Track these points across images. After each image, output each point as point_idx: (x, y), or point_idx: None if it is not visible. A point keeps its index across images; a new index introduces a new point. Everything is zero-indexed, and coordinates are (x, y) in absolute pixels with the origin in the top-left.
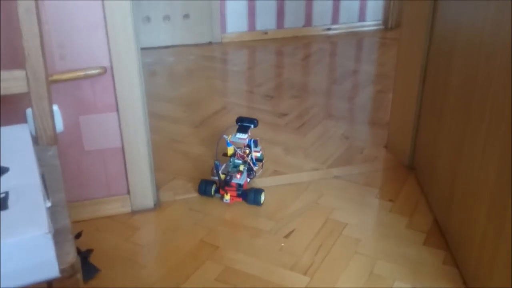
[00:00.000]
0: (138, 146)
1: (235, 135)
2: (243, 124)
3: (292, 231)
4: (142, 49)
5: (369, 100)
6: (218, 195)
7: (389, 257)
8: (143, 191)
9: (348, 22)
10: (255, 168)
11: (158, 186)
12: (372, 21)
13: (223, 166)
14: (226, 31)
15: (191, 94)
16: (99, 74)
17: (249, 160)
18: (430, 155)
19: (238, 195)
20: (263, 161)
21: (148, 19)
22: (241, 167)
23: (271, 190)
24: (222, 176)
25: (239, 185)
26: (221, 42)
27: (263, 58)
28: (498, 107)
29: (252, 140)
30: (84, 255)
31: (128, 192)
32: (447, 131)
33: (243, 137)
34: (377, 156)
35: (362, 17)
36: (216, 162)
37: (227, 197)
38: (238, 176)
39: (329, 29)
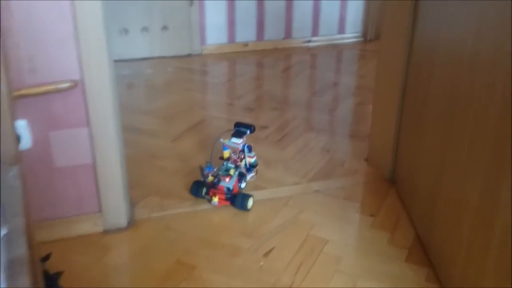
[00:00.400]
0: (110, 162)
1: (230, 139)
2: (239, 129)
3: (272, 249)
4: (120, 61)
5: (350, 112)
6: (208, 197)
7: (370, 275)
8: (116, 209)
9: (327, 34)
10: (250, 175)
11: (132, 204)
12: (351, 33)
13: (215, 169)
14: (206, 42)
15: (169, 107)
16: (69, 88)
17: (242, 166)
18: (411, 168)
19: (227, 199)
20: (257, 167)
21: (125, 30)
22: (232, 171)
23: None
24: (210, 178)
25: (228, 189)
26: (201, 54)
27: (243, 70)
28: (481, 118)
29: (246, 145)
30: (53, 278)
31: (100, 210)
32: (428, 144)
33: (237, 141)
34: (358, 170)
35: (341, 29)
36: (208, 163)
37: (215, 200)
38: (227, 179)
39: (309, 41)
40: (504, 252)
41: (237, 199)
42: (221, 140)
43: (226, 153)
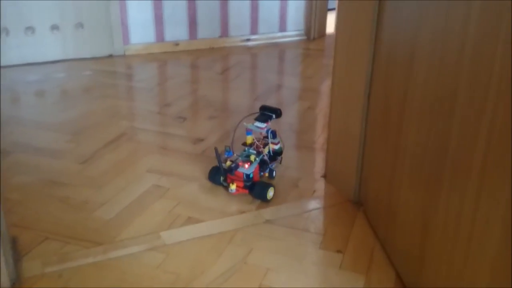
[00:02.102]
0: None
1: (254, 123)
2: (264, 113)
3: None
4: (26, 65)
5: (298, 119)
6: (226, 184)
7: None
8: None
9: (268, 32)
10: (275, 163)
11: (19, 254)
12: (293, 31)
13: (235, 155)
14: (130, 42)
15: (82, 118)
16: None
17: (265, 152)
18: (385, 188)
19: (245, 187)
20: (282, 155)
21: (31, 29)
22: (253, 157)
23: (184, 247)
24: (228, 164)
25: (247, 176)
26: (124, 55)
27: (174, 72)
28: (470, 125)
29: (270, 131)
30: None
31: None
32: (409, 157)
33: (261, 126)
34: (316, 190)
35: (282, 27)
36: (227, 148)
37: (233, 187)
38: (247, 166)
39: (248, 39)
40: None
41: (256, 188)
42: (244, 123)
43: (249, 139)
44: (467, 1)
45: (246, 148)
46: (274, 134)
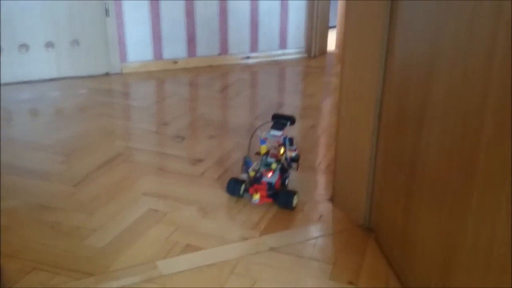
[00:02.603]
0: None
1: (269, 132)
2: (278, 121)
3: None
4: (19, 83)
5: (302, 139)
6: (247, 195)
7: None
8: None
9: (268, 50)
10: (290, 169)
11: (5, 286)
12: (294, 49)
13: (254, 164)
14: (127, 59)
15: (75, 139)
16: None
17: (283, 160)
18: (400, 213)
19: (269, 196)
20: (299, 161)
21: (25, 47)
22: (274, 165)
23: (182, 278)
24: (252, 173)
25: (270, 185)
26: (121, 73)
27: (172, 90)
28: (498, 144)
29: (287, 138)
30: None
31: None
32: (429, 180)
33: (277, 134)
34: (323, 214)
35: (283, 44)
36: (247, 158)
37: (257, 197)
38: (269, 174)
39: (247, 57)
40: None
41: (280, 197)
42: (258, 134)
43: (264, 148)
44: (495, 1)
45: (263, 157)
46: (291, 141)
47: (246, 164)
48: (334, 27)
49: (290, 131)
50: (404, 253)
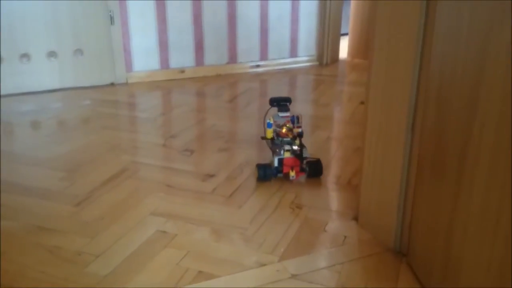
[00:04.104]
0: None
1: (277, 115)
2: (281, 103)
3: None
4: (20, 94)
5: (319, 151)
6: (280, 175)
7: None
8: None
9: (278, 58)
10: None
11: None
12: (305, 57)
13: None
14: (133, 69)
15: (78, 153)
16: None
17: (297, 136)
18: (440, 237)
19: (301, 169)
20: (302, 137)
21: (27, 56)
22: (297, 141)
23: None
24: (287, 153)
25: (301, 158)
26: (126, 83)
27: (179, 101)
28: None
29: (295, 117)
30: None
31: None
32: (480, 201)
33: (286, 114)
34: (347, 236)
35: (293, 52)
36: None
37: (293, 174)
38: (297, 149)
39: (257, 66)
40: None
41: (310, 167)
42: (268, 120)
43: (270, 132)
44: None
45: (277, 140)
46: (298, 119)
47: (278, 145)
48: (346, 34)
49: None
50: (446, 281)
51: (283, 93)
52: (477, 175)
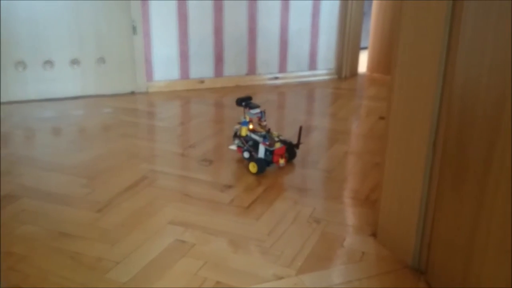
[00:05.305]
0: None
1: (249, 112)
2: (249, 102)
3: None
4: (43, 100)
5: (337, 166)
6: (272, 165)
7: None
8: None
9: (297, 70)
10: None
11: None
12: (323, 70)
13: (250, 144)
14: (153, 78)
15: (99, 160)
16: None
17: (269, 129)
18: (460, 256)
19: (285, 156)
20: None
21: (50, 63)
22: (275, 133)
23: None
24: (277, 144)
25: (285, 147)
26: (147, 92)
27: (199, 111)
28: None
29: (262, 112)
30: None
31: None
32: (501, 221)
33: (257, 111)
34: (365, 252)
35: (312, 65)
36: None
37: (282, 161)
38: (278, 144)
39: (276, 78)
40: None
41: (289, 153)
42: (243, 119)
43: (244, 129)
44: None
45: (250, 135)
46: (264, 113)
47: (267, 137)
48: (365, 48)
49: (323, 163)
50: None
51: (301, 105)
52: (499, 193)
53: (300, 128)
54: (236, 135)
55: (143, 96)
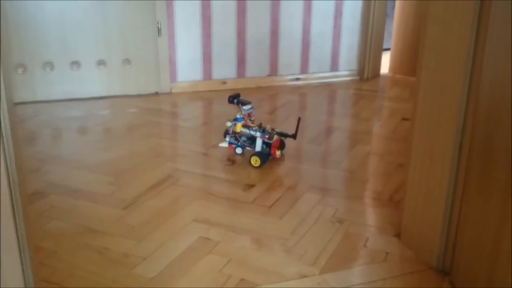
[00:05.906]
0: None
1: (243, 108)
2: (240, 99)
3: None
4: (70, 100)
5: (360, 166)
6: (270, 157)
7: None
8: None
9: (318, 71)
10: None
11: None
12: (345, 71)
13: (247, 140)
14: (177, 79)
15: (125, 159)
16: None
17: (260, 123)
18: (485, 258)
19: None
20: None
21: (77, 64)
22: (268, 127)
23: None
24: (275, 137)
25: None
26: (170, 93)
27: (221, 111)
28: None
29: (253, 108)
30: None
31: None
32: None
33: (249, 106)
34: (389, 252)
35: (334, 66)
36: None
37: (279, 153)
38: (267, 136)
39: (297, 79)
40: None
41: (281, 144)
42: (238, 116)
43: (239, 126)
44: None
45: (245, 130)
46: (253, 109)
47: (263, 131)
48: (387, 49)
49: (346, 163)
50: None
51: (323, 106)
52: None
53: (299, 120)
54: (228, 132)
55: (166, 97)
